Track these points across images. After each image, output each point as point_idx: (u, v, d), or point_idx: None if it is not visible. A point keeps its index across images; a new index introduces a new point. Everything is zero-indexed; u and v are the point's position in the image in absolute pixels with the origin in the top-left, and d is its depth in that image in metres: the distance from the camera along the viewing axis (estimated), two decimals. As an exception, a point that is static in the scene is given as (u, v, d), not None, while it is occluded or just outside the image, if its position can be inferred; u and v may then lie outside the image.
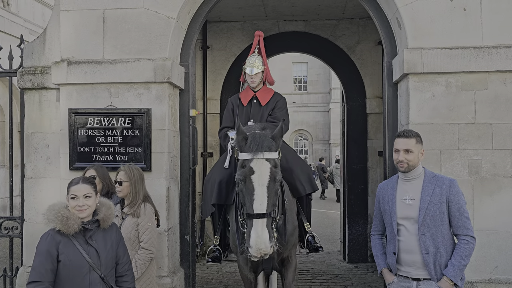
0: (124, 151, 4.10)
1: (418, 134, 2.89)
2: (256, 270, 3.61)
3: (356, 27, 6.83)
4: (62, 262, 2.38)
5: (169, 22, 4.11)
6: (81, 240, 2.45)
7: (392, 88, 4.19)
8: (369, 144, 6.71)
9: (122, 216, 3.31)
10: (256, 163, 2.87)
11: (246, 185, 2.86)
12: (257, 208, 2.79)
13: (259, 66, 3.94)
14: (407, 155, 2.78)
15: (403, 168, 2.80)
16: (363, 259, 6.66)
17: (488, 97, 3.79)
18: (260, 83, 4.01)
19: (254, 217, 2.78)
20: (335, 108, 25.29)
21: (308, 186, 3.75)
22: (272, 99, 3.98)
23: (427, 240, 2.72)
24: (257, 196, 2.81)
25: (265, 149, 2.90)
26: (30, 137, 4.42)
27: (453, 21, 3.83)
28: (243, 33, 6.94)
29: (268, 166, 2.88)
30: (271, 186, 2.86)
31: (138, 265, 3.20)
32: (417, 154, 2.81)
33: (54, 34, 4.37)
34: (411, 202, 2.78)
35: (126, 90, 4.12)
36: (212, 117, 6.96)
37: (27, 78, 4.38)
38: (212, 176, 3.84)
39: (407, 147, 2.79)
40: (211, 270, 6.26)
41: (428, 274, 2.73)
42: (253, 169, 2.86)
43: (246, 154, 2.92)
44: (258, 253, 2.73)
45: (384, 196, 2.92)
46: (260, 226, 2.75)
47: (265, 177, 2.85)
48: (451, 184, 2.77)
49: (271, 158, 2.92)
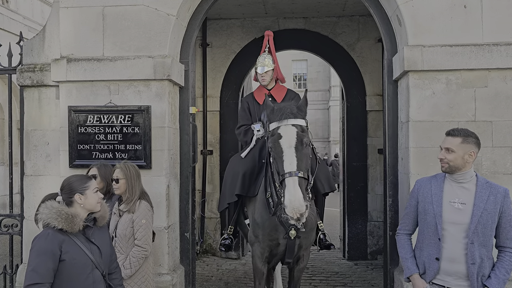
0: (124, 148, 4.10)
1: (469, 134, 2.61)
2: (270, 261, 3.64)
3: (356, 24, 6.81)
4: (67, 261, 2.32)
5: (169, 19, 4.10)
6: (82, 238, 2.42)
7: (392, 86, 4.19)
8: (369, 142, 6.71)
9: (119, 213, 3.31)
10: (283, 129, 3.02)
11: (276, 150, 3.00)
12: (287, 167, 2.89)
13: (269, 64, 4.15)
14: (447, 154, 2.57)
15: (444, 167, 2.61)
16: (363, 256, 6.67)
17: (488, 94, 3.79)
18: (271, 81, 4.21)
19: (285, 176, 2.86)
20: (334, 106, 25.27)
21: (326, 186, 3.83)
22: (286, 96, 4.15)
23: (475, 249, 2.51)
24: (286, 157, 2.93)
25: (290, 116, 3.06)
26: (30, 134, 4.41)
27: (453, 18, 3.82)
28: (243, 30, 6.93)
29: (294, 130, 3.01)
30: (299, 148, 2.97)
31: (132, 262, 3.19)
32: (461, 155, 2.55)
33: (54, 31, 4.36)
34: (461, 206, 2.56)
35: (126, 88, 4.12)
36: (212, 115, 6.96)
37: (26, 75, 4.37)
38: (234, 168, 3.93)
39: (449, 145, 2.58)
40: (211, 267, 6.27)
41: (469, 286, 2.53)
42: (280, 134, 3.01)
43: (275, 123, 3.09)
44: (294, 212, 2.76)
45: (425, 195, 2.67)
46: (292, 184, 2.83)
47: (292, 140, 2.97)
48: (506, 194, 2.58)
49: (298, 124, 3.05)
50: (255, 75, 4.29)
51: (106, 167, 3.55)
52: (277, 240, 3.46)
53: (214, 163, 6.96)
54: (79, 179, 2.52)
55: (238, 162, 3.93)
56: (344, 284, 5.54)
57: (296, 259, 3.61)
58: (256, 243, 3.58)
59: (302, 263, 3.64)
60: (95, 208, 2.49)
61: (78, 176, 2.58)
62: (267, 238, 3.47)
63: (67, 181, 2.52)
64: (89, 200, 2.46)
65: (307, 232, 3.45)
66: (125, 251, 3.24)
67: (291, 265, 3.67)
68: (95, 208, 2.49)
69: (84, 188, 2.47)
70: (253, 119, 4.18)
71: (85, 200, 2.45)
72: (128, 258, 3.21)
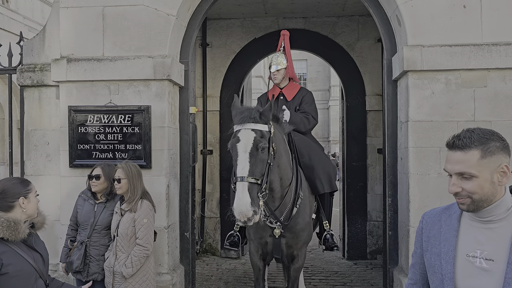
0: (124, 148, 4.11)
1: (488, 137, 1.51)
2: (265, 258, 3.73)
3: (355, 24, 6.82)
4: (10, 273, 2.09)
5: (168, 19, 4.11)
6: (23, 247, 2.19)
7: (391, 86, 4.19)
8: (369, 142, 6.72)
9: (121, 212, 3.33)
10: (242, 133, 3.03)
11: (233, 153, 3.04)
12: (239, 172, 2.92)
13: (281, 63, 4.22)
14: (464, 182, 1.50)
15: (464, 206, 1.52)
16: (362, 256, 6.67)
17: (488, 94, 3.79)
18: (284, 80, 4.27)
19: (237, 180, 2.90)
20: (334, 106, 25.29)
21: (326, 186, 3.84)
22: (298, 94, 4.23)
23: None
24: (240, 161, 2.95)
25: (250, 120, 3.05)
26: (30, 134, 4.42)
27: (453, 18, 3.83)
28: (242, 30, 6.94)
29: (252, 135, 3.01)
30: (254, 153, 2.97)
31: (134, 261, 3.21)
32: (488, 177, 1.48)
33: (54, 31, 4.36)
34: (486, 264, 1.48)
35: (126, 88, 4.12)
36: (212, 115, 6.96)
37: (26, 75, 4.38)
38: None
39: (462, 168, 1.50)
40: (211, 267, 6.28)
41: None
42: (239, 138, 3.02)
43: (236, 126, 3.11)
44: (240, 216, 2.82)
45: (432, 239, 1.65)
46: (241, 189, 2.86)
47: (248, 145, 2.97)
48: None
49: (257, 129, 3.05)
50: (270, 74, 4.38)
51: (110, 167, 3.56)
52: (265, 239, 3.56)
53: (214, 163, 6.97)
54: (21, 181, 2.34)
55: None
56: (344, 283, 5.55)
57: (291, 259, 3.66)
58: (250, 240, 3.70)
59: (298, 263, 3.67)
60: (34, 213, 2.31)
61: (15, 178, 2.40)
62: (257, 236, 3.58)
63: (4, 185, 2.27)
64: (32, 204, 2.29)
65: (296, 232, 3.53)
66: (126, 250, 3.26)
67: (287, 264, 3.72)
68: (35, 214, 2.31)
69: (27, 191, 2.29)
70: None
71: (28, 204, 2.26)
72: (129, 257, 3.22)
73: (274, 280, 5.60)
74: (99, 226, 3.44)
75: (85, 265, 3.40)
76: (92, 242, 3.44)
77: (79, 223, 3.55)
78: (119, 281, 3.25)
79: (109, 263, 3.31)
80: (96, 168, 3.55)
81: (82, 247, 3.42)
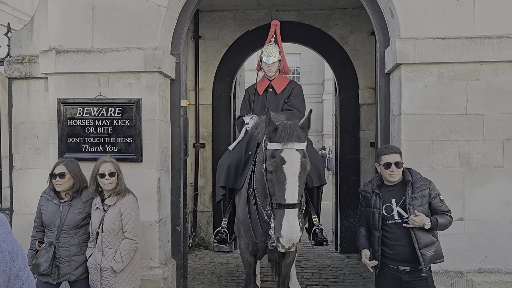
0: (114, 141, 4.05)
1: None
2: (256, 254, 3.70)
3: (349, 17, 6.78)
4: None
5: (159, 11, 4.04)
6: None
7: (384, 79, 4.17)
8: (362, 135, 6.70)
9: (104, 208, 3.25)
10: (286, 153, 2.84)
11: (277, 175, 2.83)
12: (289, 198, 2.77)
13: (276, 55, 4.06)
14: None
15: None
16: (355, 249, 6.64)
17: (480, 87, 3.79)
18: (276, 72, 4.13)
19: (286, 207, 2.77)
20: (328, 99, 25.26)
21: (316, 179, 3.76)
22: (287, 87, 4.11)
23: None
24: (289, 186, 2.79)
25: (295, 139, 2.88)
26: (19, 127, 4.35)
27: (445, 11, 3.81)
28: (235, 22, 6.87)
29: (298, 156, 2.86)
30: (302, 176, 2.86)
31: (123, 255, 3.17)
32: None
33: (42, 22, 4.28)
34: None
35: (116, 80, 4.06)
36: (204, 108, 6.91)
37: (14, 67, 4.30)
38: (223, 160, 3.95)
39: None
40: (204, 261, 6.26)
41: None
42: (284, 159, 2.83)
43: (277, 144, 2.89)
44: (288, 243, 2.73)
45: None
46: (292, 216, 2.75)
47: (296, 167, 2.83)
48: None
49: (301, 149, 2.90)
50: (259, 64, 4.19)
51: (73, 162, 3.40)
52: None
53: (207, 157, 6.93)
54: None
55: (226, 155, 3.97)
56: (336, 276, 5.56)
57: (282, 255, 3.59)
58: (240, 237, 3.65)
59: (289, 258, 3.64)
60: None
61: None
62: (248, 234, 3.52)
63: None
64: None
65: None
66: (114, 245, 3.21)
67: (278, 260, 3.66)
68: None
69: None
70: (252, 110, 4.15)
71: None
72: (118, 252, 3.18)
73: (267, 274, 5.59)
74: (66, 227, 3.27)
75: (54, 267, 3.24)
76: (61, 244, 3.26)
77: (44, 224, 3.34)
78: (108, 277, 3.18)
79: (95, 261, 3.21)
80: (59, 165, 3.33)
81: (51, 249, 3.25)
